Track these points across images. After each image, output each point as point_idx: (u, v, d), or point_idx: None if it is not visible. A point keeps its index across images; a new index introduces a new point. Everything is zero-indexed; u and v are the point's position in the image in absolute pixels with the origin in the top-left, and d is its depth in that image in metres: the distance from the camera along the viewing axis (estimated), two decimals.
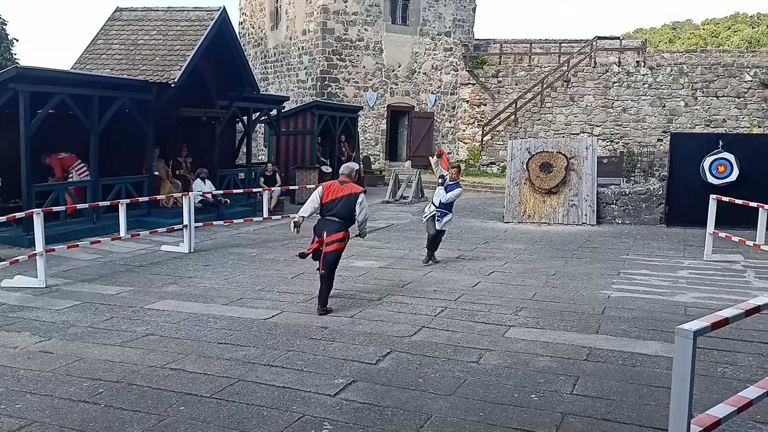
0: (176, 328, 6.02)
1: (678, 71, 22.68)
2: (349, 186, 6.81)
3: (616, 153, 21.27)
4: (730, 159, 12.35)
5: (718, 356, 5.30)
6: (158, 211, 12.43)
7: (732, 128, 21.59)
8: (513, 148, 14.13)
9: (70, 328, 6.06)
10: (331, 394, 4.50)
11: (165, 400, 4.40)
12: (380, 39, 23.50)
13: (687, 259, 9.65)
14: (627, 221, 13.45)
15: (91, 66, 12.87)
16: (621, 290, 7.63)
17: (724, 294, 7.40)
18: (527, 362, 5.19)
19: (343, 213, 6.69)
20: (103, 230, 10.66)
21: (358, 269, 8.72)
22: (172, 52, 12.42)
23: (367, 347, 5.50)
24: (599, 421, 4.12)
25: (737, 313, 3.17)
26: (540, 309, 6.78)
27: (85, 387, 4.63)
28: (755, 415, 4.09)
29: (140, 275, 8.36)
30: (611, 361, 5.24)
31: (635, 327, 6.13)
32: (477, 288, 7.74)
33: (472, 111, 24.89)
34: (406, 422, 4.09)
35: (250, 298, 7.19)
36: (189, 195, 10.29)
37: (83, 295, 7.24)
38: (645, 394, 4.56)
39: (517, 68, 24.74)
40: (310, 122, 17.86)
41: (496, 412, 4.24)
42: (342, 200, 6.68)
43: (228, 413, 4.20)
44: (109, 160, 11.86)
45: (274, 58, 26.06)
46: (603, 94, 23.11)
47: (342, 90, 23.02)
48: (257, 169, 15.65)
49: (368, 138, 23.62)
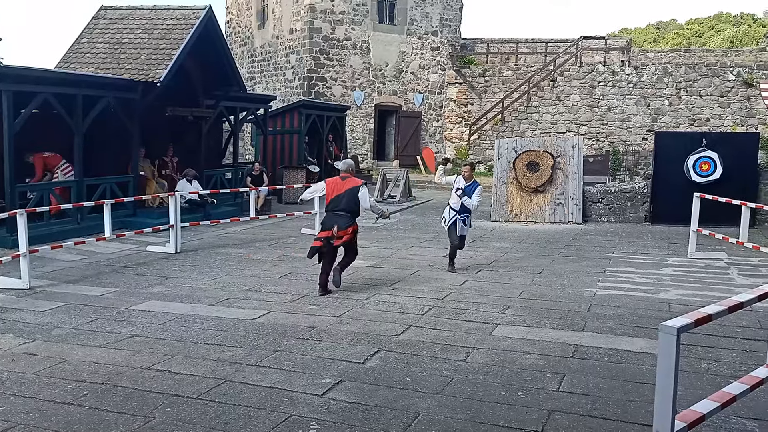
0: (162, 329, 5.98)
1: (662, 71, 22.89)
2: (350, 180, 7.27)
3: (601, 152, 21.42)
4: (713, 157, 12.49)
5: (702, 352, 5.36)
6: (144, 212, 12.35)
7: (715, 127, 21.82)
8: (500, 147, 14.18)
9: (54, 329, 6.00)
10: (318, 394, 4.50)
11: (151, 401, 4.37)
12: (367, 38, 23.48)
13: (671, 256, 9.75)
14: (612, 219, 13.56)
15: (76, 65, 12.74)
16: (607, 288, 7.70)
17: (708, 291, 7.48)
18: (514, 360, 5.22)
19: (348, 207, 7.19)
20: (88, 231, 10.55)
21: (347, 269, 8.70)
22: (158, 51, 12.33)
23: (355, 346, 5.50)
24: (585, 417, 4.16)
25: (720, 310, 3.20)
26: (527, 307, 6.81)
27: (69, 389, 4.58)
28: (739, 410, 4.14)
29: (126, 276, 8.29)
30: (597, 358, 5.28)
31: (620, 324, 6.19)
32: (464, 286, 7.77)
33: (459, 110, 24.95)
34: (393, 421, 4.09)
35: (237, 299, 7.16)
36: (175, 195, 10.23)
37: (68, 297, 7.17)
38: (630, 390, 4.60)
39: (503, 68, 24.84)
40: (298, 121, 17.81)
41: (483, 410, 4.26)
42: (345, 195, 7.17)
43: (215, 414, 4.18)
44: (94, 160, 11.74)
45: (261, 57, 25.95)
46: (589, 94, 23.26)
47: (329, 89, 22.98)
48: (244, 169, 15.58)
49: (356, 137, 23.60)
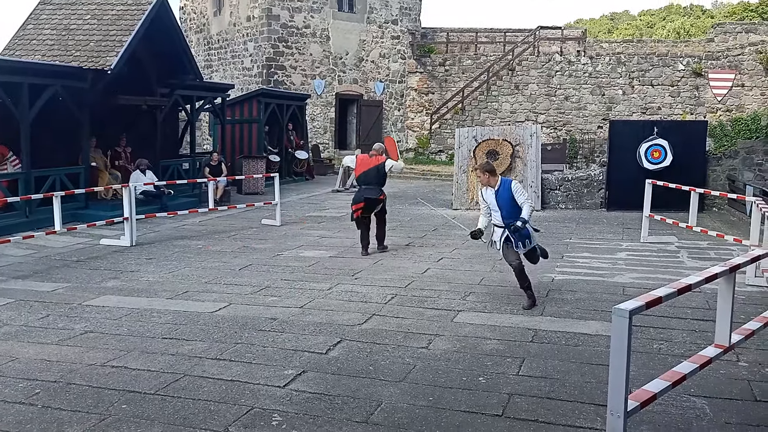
0: (117, 324, 5.83)
1: (616, 61, 23.40)
2: (375, 158, 8.84)
3: (559, 140, 21.80)
4: (664, 145, 12.87)
5: (654, 333, 5.54)
6: (97, 204, 11.98)
7: (666, 115, 22.47)
8: (460, 136, 14.28)
9: (3, 327, 5.77)
10: (280, 386, 4.46)
11: (106, 398, 4.25)
12: (327, 26, 23.24)
13: (625, 241, 10.02)
14: (570, 206, 13.84)
15: (21, 52, 12.23)
16: (564, 273, 7.86)
17: (660, 274, 7.72)
18: (475, 346, 5.28)
19: (376, 180, 8.75)
20: (37, 224, 10.21)
21: (308, 259, 8.66)
22: (108, 37, 11.92)
23: (317, 337, 5.48)
24: (544, 399, 4.24)
25: (670, 292, 3.29)
26: (487, 293, 6.90)
27: (20, 388, 4.43)
28: (689, 388, 4.29)
29: (78, 270, 8.04)
30: (555, 341, 5.39)
31: (577, 308, 6.34)
32: (426, 274, 7.81)
33: (420, 99, 24.99)
34: (356, 410, 4.09)
35: (196, 291, 7.03)
36: (129, 186, 9.95)
37: (17, 293, 6.90)
38: (586, 372, 4.72)
39: (463, 57, 24.97)
40: (257, 110, 17.56)
41: (445, 396, 4.30)
42: (372, 170, 8.73)
43: (173, 409, 4.10)
44: (43, 151, 11.31)
45: (218, 45, 25.39)
46: (546, 83, 23.61)
47: (289, 78, 22.68)
48: (202, 159, 15.28)
49: (317, 126, 23.39)
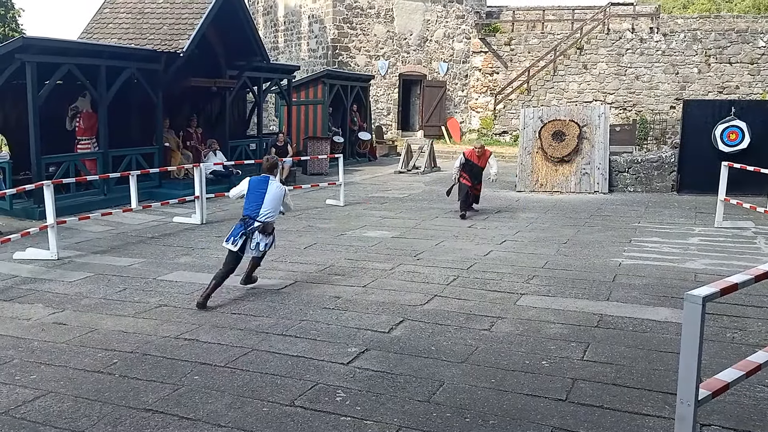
0: (189, 299, 6.09)
1: (691, 37, 22.16)
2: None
3: (628, 121, 20.96)
4: (741, 126, 12.16)
5: (727, 322, 5.30)
6: (169, 183, 12.46)
7: (745, 95, 21.15)
8: (525, 116, 13.96)
9: (83, 299, 6.14)
10: (344, 363, 4.56)
11: (179, 369, 4.47)
12: (391, 6, 23.09)
13: (698, 226, 9.59)
14: (639, 189, 13.34)
15: (98, 35, 12.77)
16: (632, 258, 7.62)
17: (735, 260, 7.36)
18: (538, 329, 5.22)
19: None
20: (114, 202, 10.73)
21: (371, 239, 8.75)
22: (180, 20, 12.28)
23: (380, 316, 5.55)
24: (609, 386, 4.16)
25: (747, 279, 3.14)
26: (551, 277, 6.79)
27: (99, 357, 4.70)
28: (764, 378, 4.11)
29: (152, 246, 8.43)
30: (621, 327, 5.26)
31: (645, 294, 6.14)
32: (489, 257, 7.75)
33: (484, 79, 24.56)
34: (418, 389, 4.14)
35: (262, 269, 7.20)
36: (200, 166, 10.31)
37: (96, 267, 7.32)
38: (654, 359, 4.58)
39: (529, 36, 24.29)
40: (321, 92, 17.70)
41: (508, 379, 4.28)
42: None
43: (242, 382, 4.27)
44: (119, 132, 11.87)
45: (284, 27, 25.72)
46: (616, 62, 22.66)
47: (353, 59, 22.75)
48: (268, 140, 15.59)
49: (380, 107, 23.42)
